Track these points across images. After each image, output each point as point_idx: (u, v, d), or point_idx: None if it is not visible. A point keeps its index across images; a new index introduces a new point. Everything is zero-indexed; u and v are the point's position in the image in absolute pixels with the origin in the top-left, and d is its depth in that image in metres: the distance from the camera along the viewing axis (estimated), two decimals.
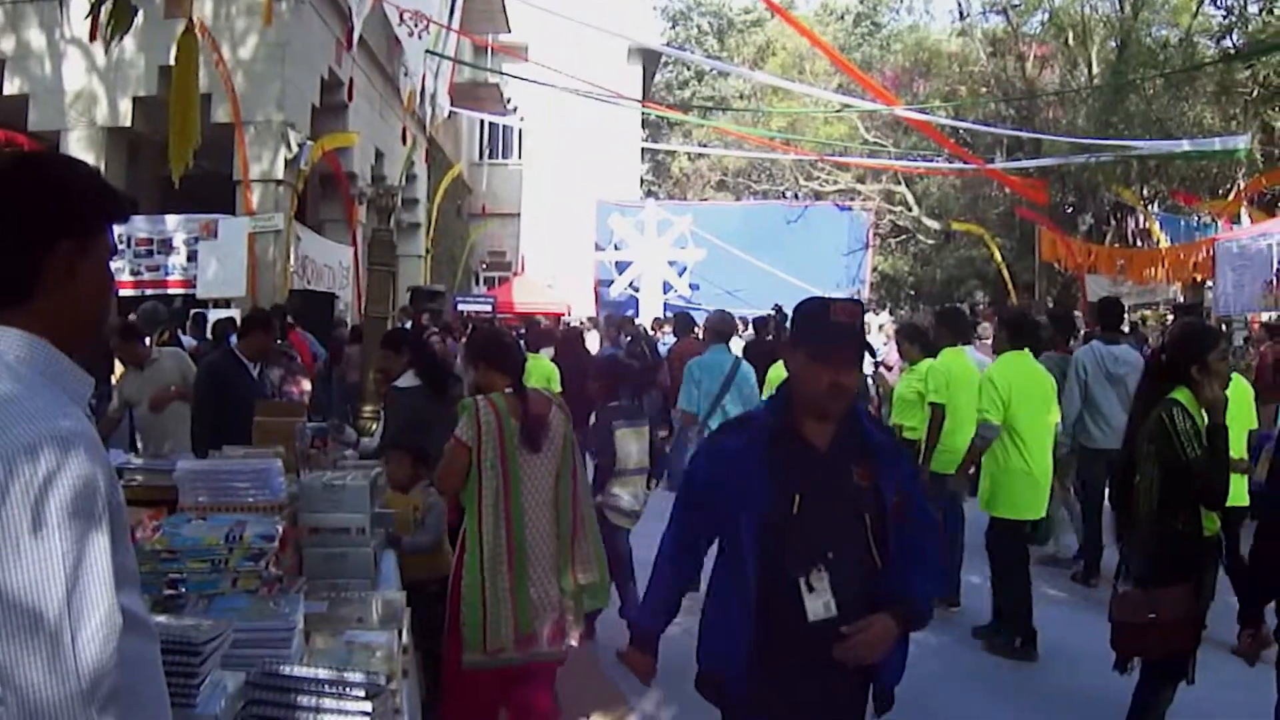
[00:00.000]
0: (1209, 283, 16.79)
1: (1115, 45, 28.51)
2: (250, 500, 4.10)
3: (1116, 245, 26.93)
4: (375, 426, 8.57)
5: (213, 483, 4.15)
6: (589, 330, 21.77)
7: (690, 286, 34.16)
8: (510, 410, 4.86)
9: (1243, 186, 22.32)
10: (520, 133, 36.20)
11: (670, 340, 16.23)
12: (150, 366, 8.68)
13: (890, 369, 14.75)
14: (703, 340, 11.50)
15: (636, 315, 27.57)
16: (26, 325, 1.75)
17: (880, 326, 22.90)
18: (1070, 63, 30.58)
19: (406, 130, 22.71)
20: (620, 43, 32.64)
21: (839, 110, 28.91)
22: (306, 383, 10.74)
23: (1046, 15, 30.55)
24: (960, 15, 34.75)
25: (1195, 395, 5.00)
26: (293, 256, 15.19)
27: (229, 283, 14.38)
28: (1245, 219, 18.10)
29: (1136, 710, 5.18)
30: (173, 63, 10.39)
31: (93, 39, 9.85)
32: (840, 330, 3.25)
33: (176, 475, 4.21)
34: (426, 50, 20.16)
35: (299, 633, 3.11)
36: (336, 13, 17.70)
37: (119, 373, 9.21)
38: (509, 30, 30.05)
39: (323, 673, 2.80)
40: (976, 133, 27.80)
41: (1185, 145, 18.85)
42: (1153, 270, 18.01)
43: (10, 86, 16.01)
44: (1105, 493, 8.78)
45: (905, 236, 41.49)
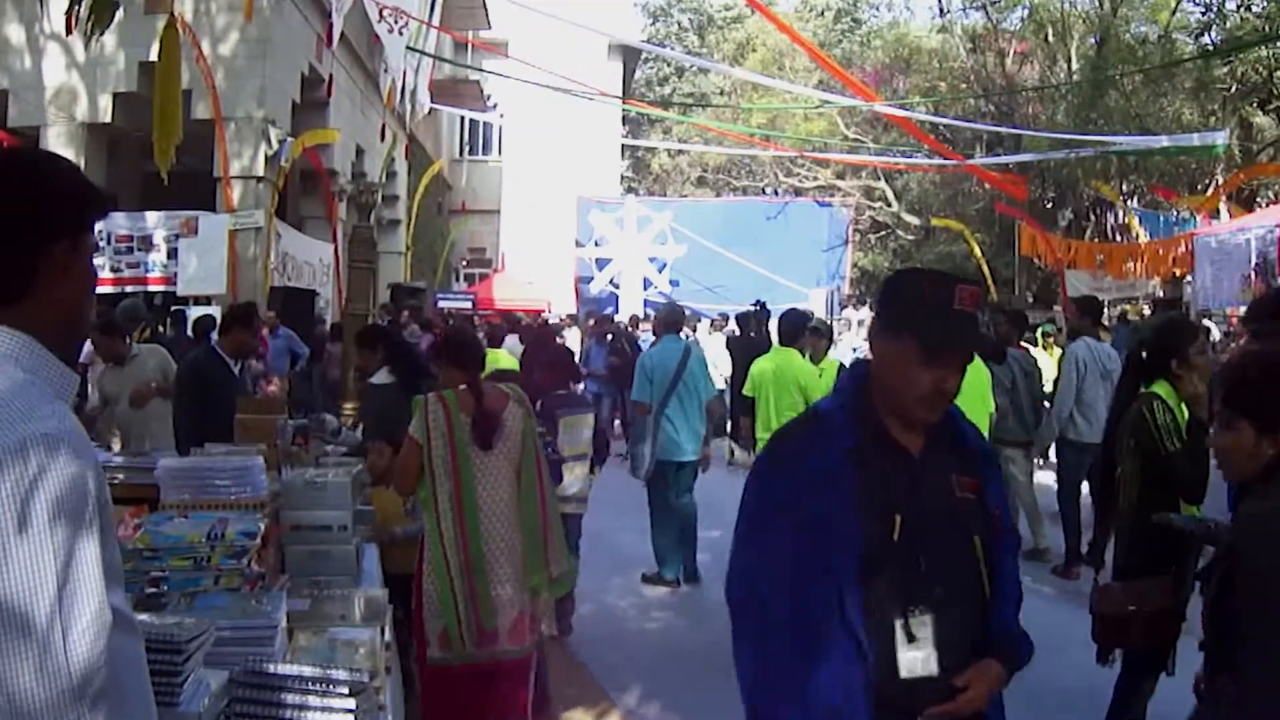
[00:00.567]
0: (1188, 277, 16.84)
1: (1094, 41, 28.61)
2: (232, 497, 4.09)
3: (1096, 240, 27.03)
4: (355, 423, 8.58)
5: (195, 480, 4.14)
6: (569, 327, 21.77)
7: (670, 283, 34.09)
8: (462, 406, 4.85)
9: (1221, 182, 22.43)
10: (500, 129, 36.09)
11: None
12: (131, 363, 8.67)
13: None
14: (653, 331, 11.93)
15: (617, 312, 27.63)
16: (14, 323, 1.74)
17: (860, 322, 22.97)
18: (1050, 59, 30.70)
19: (387, 127, 22.65)
20: (600, 39, 32.58)
21: (819, 106, 28.92)
22: (275, 383, 10.75)
23: (1026, 11, 30.65)
24: (940, 11, 34.78)
25: (1175, 389, 5.03)
26: (273, 253, 15.15)
27: (209, 280, 14.32)
28: (1224, 214, 18.19)
29: (1118, 701, 5.20)
30: (155, 58, 10.35)
31: (69, 32, 9.77)
32: (964, 322, 2.63)
33: (158, 473, 4.19)
34: (407, 47, 20.12)
35: (282, 630, 3.11)
36: (317, 9, 17.64)
37: (99, 371, 9.17)
38: (489, 26, 30.02)
39: (307, 670, 2.80)
40: (956, 129, 27.85)
41: (1164, 141, 18.89)
42: (1132, 265, 18.03)
43: None
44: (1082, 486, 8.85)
45: (885, 232, 41.62)
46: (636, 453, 9.34)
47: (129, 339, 9.14)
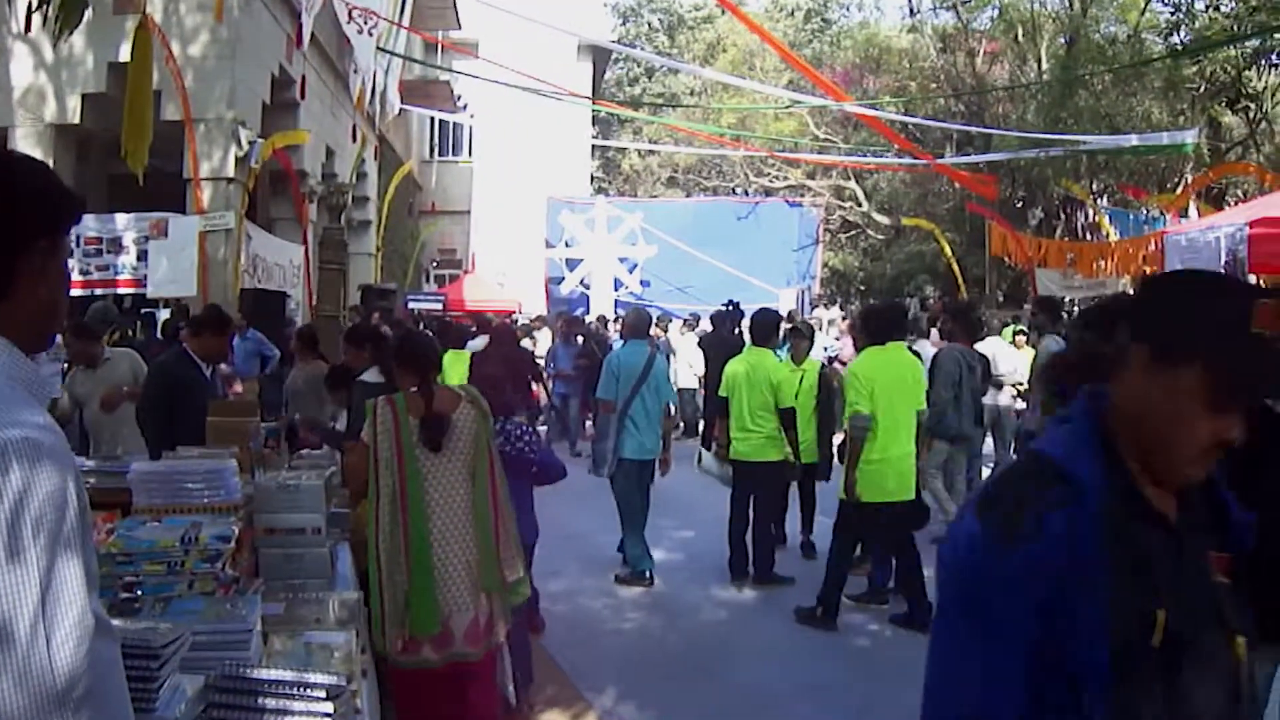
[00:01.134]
0: None
1: (1064, 41, 28.83)
2: (205, 501, 4.05)
3: (1066, 239, 27.15)
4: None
5: (167, 484, 4.10)
6: (540, 328, 21.73)
7: (641, 283, 34.18)
8: (411, 409, 4.83)
9: (1190, 180, 22.60)
10: (470, 130, 36.04)
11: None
12: (103, 366, 8.62)
13: (845, 364, 14.82)
14: (620, 336, 12.12)
15: (588, 312, 27.63)
16: None
17: (831, 321, 23.02)
18: (1020, 59, 30.85)
19: (357, 128, 22.60)
20: (570, 39, 32.61)
21: (789, 106, 29.00)
22: (239, 384, 10.72)
23: (996, 11, 30.83)
24: (910, 11, 35.04)
25: None
26: (243, 255, 15.05)
27: (179, 282, 14.22)
28: (1193, 212, 18.28)
29: None
30: (125, 59, 10.28)
31: (28, 30, 9.67)
32: (1265, 354, 1.87)
33: (130, 477, 4.15)
34: (377, 47, 20.07)
35: (257, 634, 3.10)
36: (287, 10, 17.55)
37: (70, 373, 9.11)
38: (459, 27, 29.99)
39: (285, 675, 2.79)
40: (926, 128, 27.98)
41: (1134, 140, 19.04)
42: (1102, 264, 18.07)
43: None
44: None
45: (855, 232, 41.80)
46: (599, 449, 9.39)
47: (101, 342, 9.09)
